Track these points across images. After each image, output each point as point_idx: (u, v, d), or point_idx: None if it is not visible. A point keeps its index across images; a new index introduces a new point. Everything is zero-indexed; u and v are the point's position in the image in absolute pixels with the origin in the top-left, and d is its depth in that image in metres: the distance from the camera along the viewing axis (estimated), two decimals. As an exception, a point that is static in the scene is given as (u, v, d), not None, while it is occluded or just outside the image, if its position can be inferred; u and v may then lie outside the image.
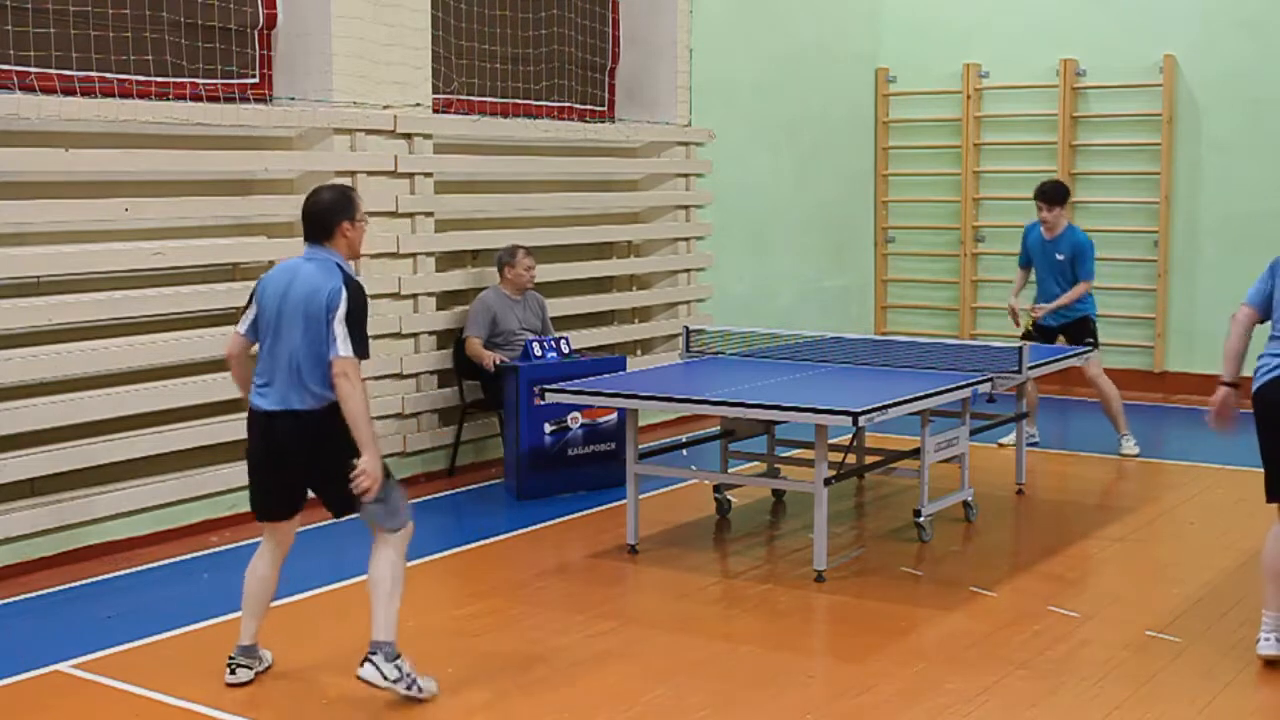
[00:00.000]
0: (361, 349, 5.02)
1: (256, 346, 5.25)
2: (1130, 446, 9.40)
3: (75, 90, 7.19)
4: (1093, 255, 9.42)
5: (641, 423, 7.90)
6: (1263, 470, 5.75)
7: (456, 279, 9.05)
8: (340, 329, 4.96)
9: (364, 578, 6.42)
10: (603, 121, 10.60)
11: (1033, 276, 9.64)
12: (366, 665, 5.13)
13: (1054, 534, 7.69)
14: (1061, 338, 9.39)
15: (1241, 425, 6.03)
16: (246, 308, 5.26)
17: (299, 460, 5.18)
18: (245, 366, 5.30)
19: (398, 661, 5.14)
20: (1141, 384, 11.85)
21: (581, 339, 9.54)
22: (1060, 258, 9.34)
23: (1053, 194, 9.42)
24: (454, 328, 8.91)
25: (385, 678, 5.12)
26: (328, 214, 5.13)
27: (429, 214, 8.79)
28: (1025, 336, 9.31)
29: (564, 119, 10.23)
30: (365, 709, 5.22)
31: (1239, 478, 8.87)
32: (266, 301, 5.15)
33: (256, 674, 5.47)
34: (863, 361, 8.00)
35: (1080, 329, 9.36)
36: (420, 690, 5.18)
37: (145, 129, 7.37)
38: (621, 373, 8.50)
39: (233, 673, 5.40)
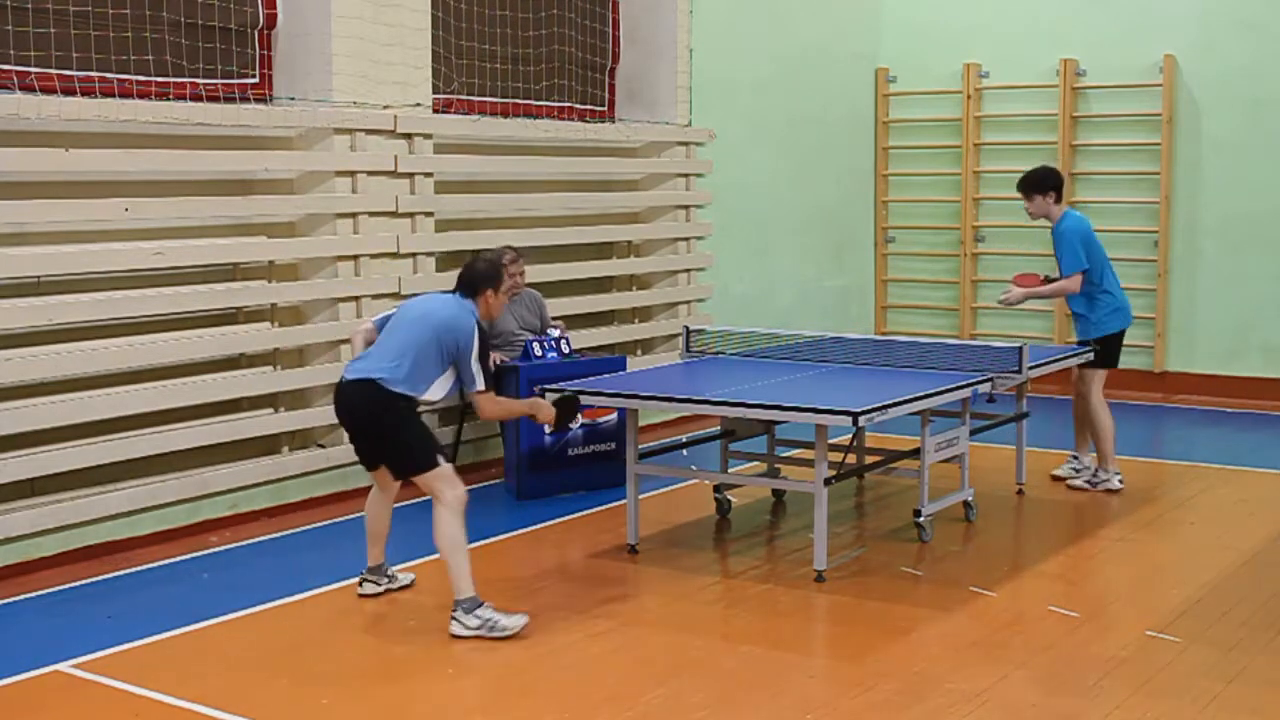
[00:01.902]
0: (488, 382, 6.12)
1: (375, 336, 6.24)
2: (1116, 482, 8.47)
3: (75, 90, 7.19)
4: (1076, 243, 8.24)
5: (641, 423, 7.91)
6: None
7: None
8: (476, 368, 6.01)
9: (356, 579, 6.48)
10: (603, 121, 10.60)
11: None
12: (452, 623, 5.86)
13: (1054, 534, 7.69)
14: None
15: (1242, 425, 6.01)
16: (391, 310, 6.38)
17: (364, 424, 6.13)
18: (360, 344, 6.34)
19: (477, 611, 5.84)
20: (1141, 384, 11.86)
21: (581, 339, 9.54)
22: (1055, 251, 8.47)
23: (1024, 182, 8.45)
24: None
25: (466, 627, 5.83)
26: (479, 279, 6.20)
27: (429, 214, 8.79)
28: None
29: (564, 119, 10.23)
30: (365, 708, 5.22)
31: (1239, 478, 8.88)
32: (400, 311, 6.25)
33: (386, 589, 6.45)
34: (863, 361, 7.99)
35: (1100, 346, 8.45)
36: (504, 629, 5.83)
37: (145, 129, 7.37)
38: (621, 373, 8.50)
39: (360, 586, 6.46)
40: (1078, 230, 8.33)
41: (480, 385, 6.06)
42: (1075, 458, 8.79)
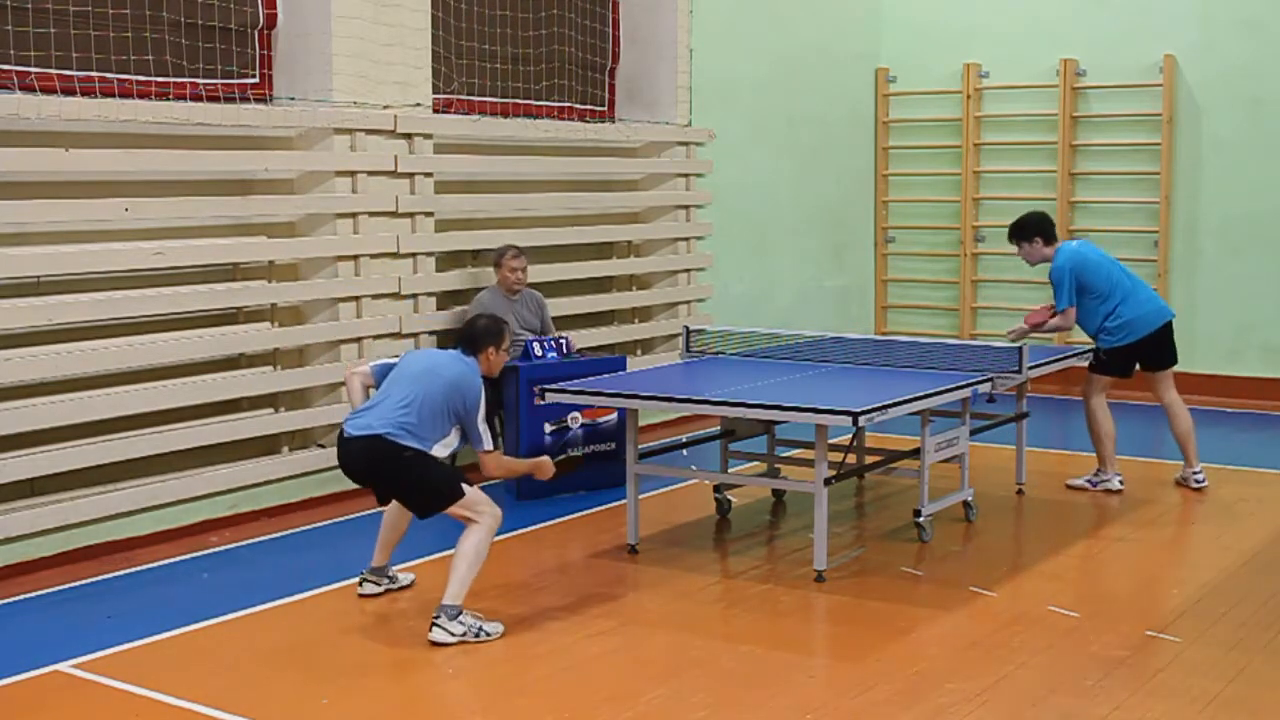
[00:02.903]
0: (495, 441, 6.20)
1: (374, 387, 6.18)
2: (1116, 483, 8.48)
3: (75, 90, 7.19)
4: (1065, 280, 8.25)
5: (641, 423, 7.91)
6: None
7: (456, 279, 9.05)
8: (483, 427, 6.03)
9: (357, 579, 6.47)
10: (603, 121, 10.60)
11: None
12: (433, 629, 5.80)
13: (1054, 534, 7.69)
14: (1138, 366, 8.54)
15: (1242, 425, 6.01)
16: (393, 358, 6.31)
17: (374, 475, 6.03)
18: (359, 392, 6.24)
19: (460, 618, 5.80)
20: (1142, 384, 11.83)
21: (582, 339, 9.54)
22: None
23: (1010, 232, 8.65)
24: (454, 328, 8.90)
25: (452, 634, 5.78)
26: (482, 336, 6.20)
27: (429, 214, 8.79)
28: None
29: (564, 119, 10.23)
30: (365, 708, 5.22)
31: (1239, 477, 8.88)
32: (404, 364, 6.15)
33: (386, 590, 6.46)
34: (863, 361, 7.99)
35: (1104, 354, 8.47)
36: (487, 635, 5.83)
37: (145, 129, 7.37)
38: (621, 373, 8.50)
39: (361, 586, 6.46)
40: (1069, 266, 8.29)
41: (488, 445, 6.06)
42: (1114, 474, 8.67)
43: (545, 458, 6.58)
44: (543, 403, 7.33)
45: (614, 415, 8.54)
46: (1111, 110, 12.28)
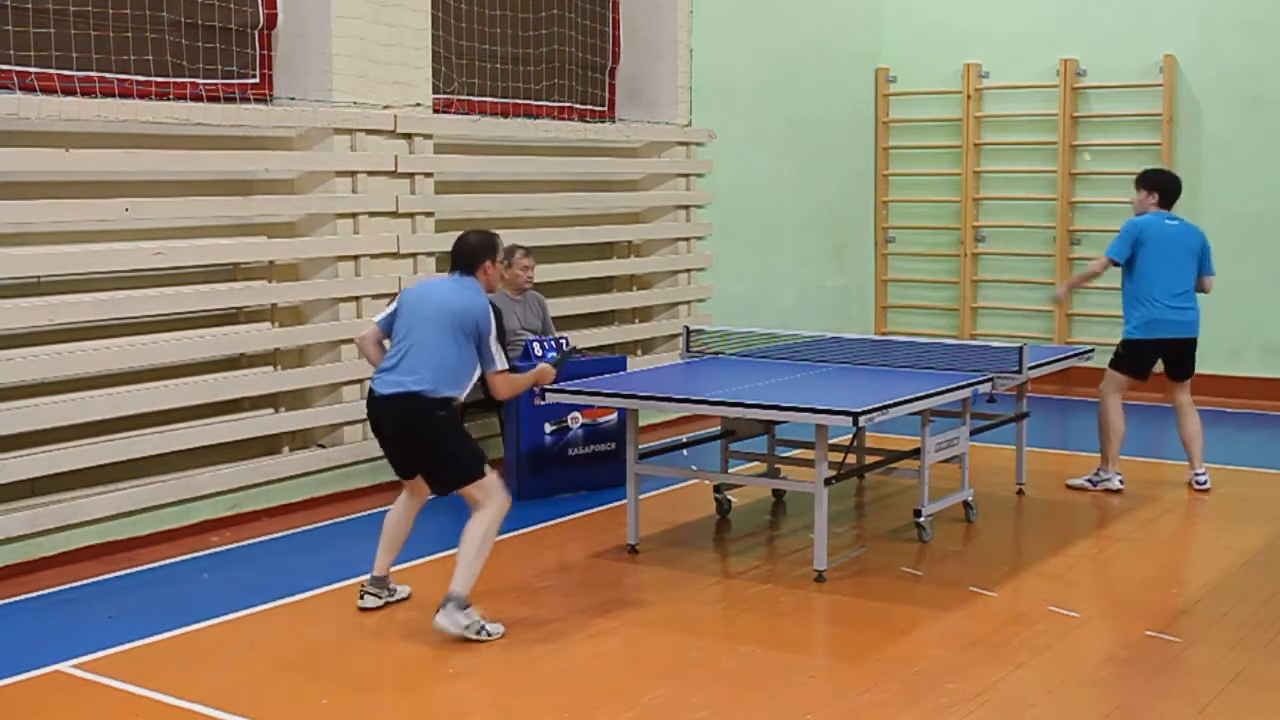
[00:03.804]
0: (505, 360, 6.02)
1: (386, 339, 6.08)
2: (1117, 483, 8.49)
3: (75, 90, 7.19)
4: (1124, 233, 8.52)
5: (642, 423, 7.90)
6: None
7: (456, 279, 9.05)
8: (495, 348, 5.92)
9: (360, 578, 6.46)
10: (603, 121, 10.60)
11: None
12: (439, 614, 5.75)
13: (1054, 534, 7.69)
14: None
15: (1242, 425, 6.01)
16: (389, 305, 6.15)
17: (405, 437, 5.95)
18: (374, 349, 6.12)
19: (466, 610, 5.75)
20: (1142, 384, 11.84)
21: (582, 339, 9.54)
22: None
23: (1141, 177, 8.83)
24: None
25: (455, 624, 5.73)
26: (477, 251, 6.06)
27: (429, 214, 8.79)
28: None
29: (564, 119, 10.23)
30: (365, 708, 5.22)
31: (1239, 478, 8.87)
32: (404, 304, 6.02)
33: (386, 603, 6.28)
34: (862, 361, 7.99)
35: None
36: (489, 634, 5.79)
37: (145, 129, 7.37)
38: (622, 373, 8.50)
39: (361, 599, 6.26)
40: (1138, 224, 8.53)
41: (502, 364, 5.96)
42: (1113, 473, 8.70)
43: (543, 364, 6.45)
44: (543, 403, 7.34)
45: (614, 415, 8.54)
46: (1111, 110, 12.28)
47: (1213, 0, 11.80)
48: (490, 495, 5.90)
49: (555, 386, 7.15)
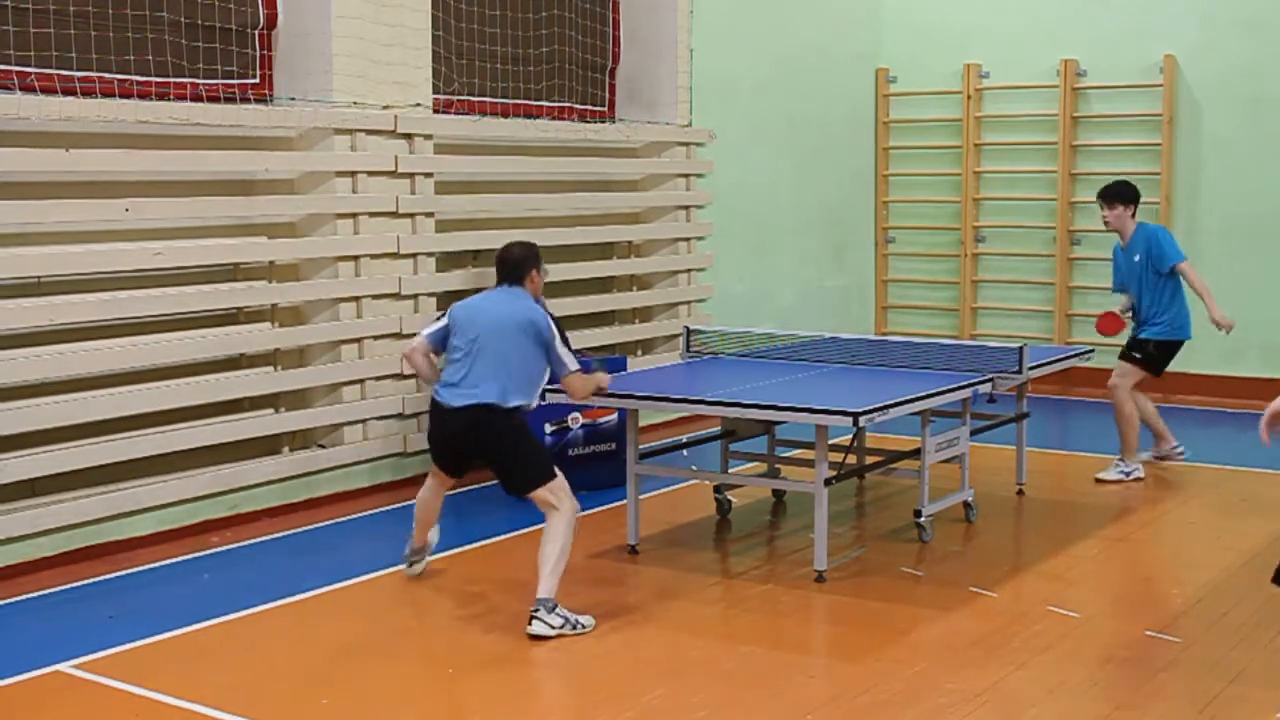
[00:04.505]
0: (575, 361, 6.31)
1: (436, 354, 6.32)
2: (1140, 472, 8.73)
3: (75, 90, 7.19)
4: (1173, 240, 8.72)
5: (642, 423, 7.91)
6: None
7: (457, 279, 9.04)
8: (563, 349, 6.20)
9: (362, 579, 6.47)
10: (603, 122, 10.60)
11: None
12: (534, 622, 5.88)
13: (1054, 534, 7.69)
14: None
15: (1242, 425, 6.00)
16: (437, 320, 6.38)
17: (475, 445, 6.14)
18: (424, 361, 6.33)
19: (557, 610, 5.89)
20: (1142, 384, 11.84)
21: (582, 339, 9.54)
22: (1137, 259, 8.71)
23: (1110, 192, 8.75)
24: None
25: (551, 627, 5.88)
26: (524, 262, 6.34)
27: (429, 214, 8.79)
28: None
29: (564, 119, 10.23)
30: (365, 708, 5.23)
31: (1239, 478, 8.88)
32: (460, 320, 6.22)
33: (427, 562, 6.72)
34: (862, 361, 8.00)
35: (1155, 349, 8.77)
36: (583, 627, 5.95)
37: (145, 129, 7.37)
38: (622, 373, 8.50)
39: (409, 567, 6.69)
40: (1167, 231, 8.89)
41: (574, 366, 6.24)
42: (1155, 448, 9.13)
43: (599, 373, 6.62)
44: (543, 403, 7.33)
45: (614, 415, 8.54)
46: (1112, 110, 12.28)
47: (1213, 0, 11.80)
48: (562, 498, 6.08)
49: (555, 387, 7.14)
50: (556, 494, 6.08)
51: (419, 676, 5.58)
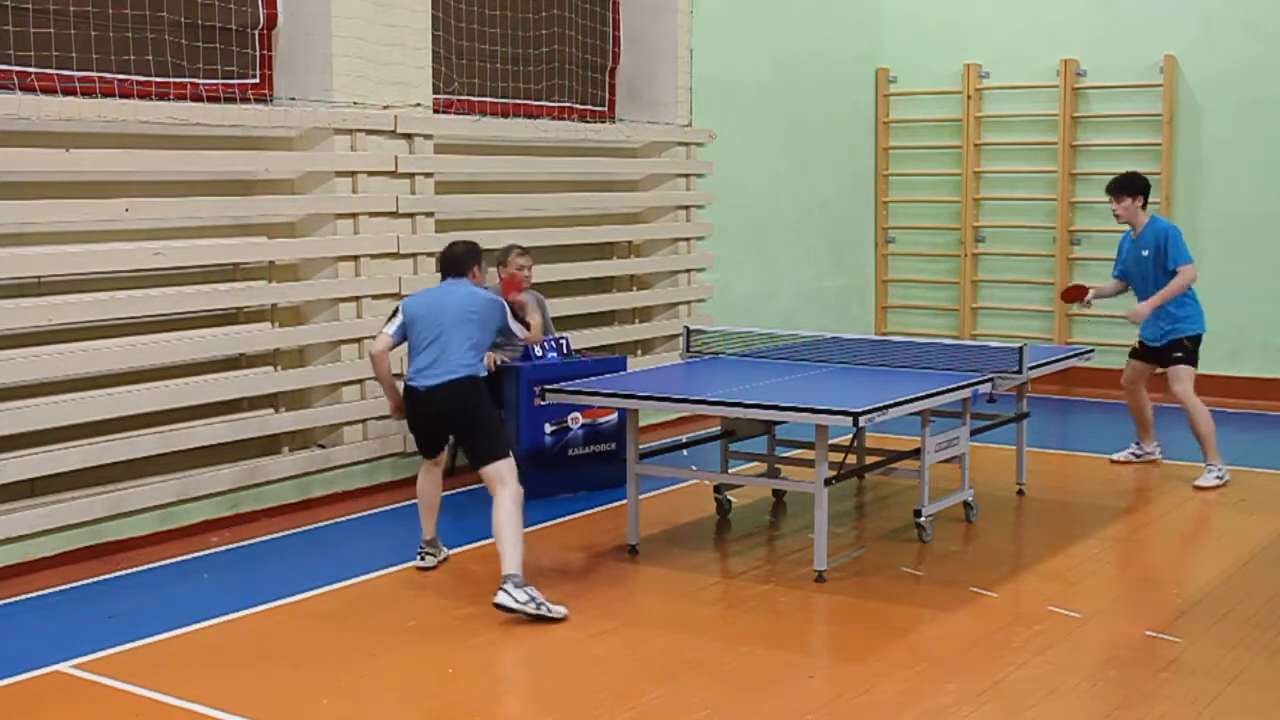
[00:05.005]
0: (521, 328, 7.03)
1: (400, 346, 6.73)
2: (1210, 479, 8.57)
3: (75, 90, 7.19)
4: (1183, 241, 8.63)
5: (642, 423, 7.91)
6: None
7: (457, 279, 9.05)
8: (515, 324, 6.90)
9: (362, 579, 6.47)
10: (603, 122, 10.60)
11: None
12: (500, 593, 6.02)
13: (1054, 534, 7.69)
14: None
15: (1242, 425, 6.01)
16: (391, 319, 6.72)
17: (452, 416, 6.54)
18: (388, 363, 6.78)
19: (525, 588, 6.02)
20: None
21: (582, 339, 9.54)
22: (1145, 254, 8.67)
23: (1117, 185, 8.70)
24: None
25: (516, 600, 5.98)
26: (466, 258, 6.79)
27: (429, 214, 8.79)
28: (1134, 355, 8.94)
29: (564, 119, 10.23)
30: (365, 708, 5.23)
31: (1239, 477, 8.87)
32: (419, 314, 6.61)
33: (439, 562, 6.91)
34: (862, 361, 8.00)
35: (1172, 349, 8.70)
36: (550, 611, 6.02)
37: (145, 129, 7.37)
38: (622, 373, 8.50)
39: (422, 559, 6.89)
40: (1176, 228, 8.71)
41: (524, 333, 7.08)
42: (1137, 444, 9.21)
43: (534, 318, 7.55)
44: (543, 403, 7.34)
45: (614, 415, 8.54)
46: (1111, 110, 12.28)
47: (1213, 0, 11.80)
48: (511, 477, 6.41)
49: (555, 387, 7.16)
50: (508, 472, 6.41)
51: (419, 676, 5.58)
